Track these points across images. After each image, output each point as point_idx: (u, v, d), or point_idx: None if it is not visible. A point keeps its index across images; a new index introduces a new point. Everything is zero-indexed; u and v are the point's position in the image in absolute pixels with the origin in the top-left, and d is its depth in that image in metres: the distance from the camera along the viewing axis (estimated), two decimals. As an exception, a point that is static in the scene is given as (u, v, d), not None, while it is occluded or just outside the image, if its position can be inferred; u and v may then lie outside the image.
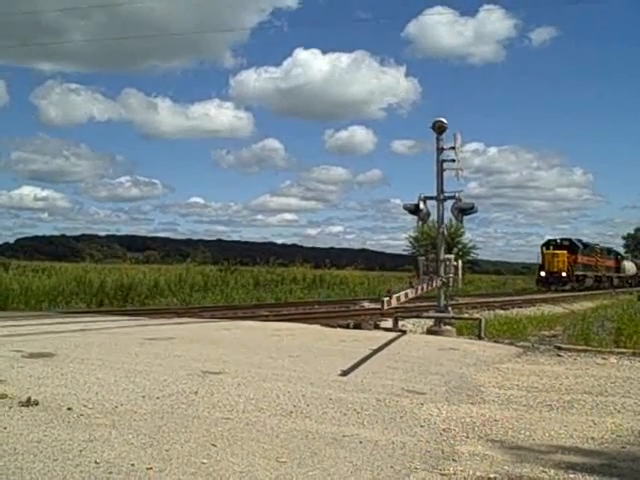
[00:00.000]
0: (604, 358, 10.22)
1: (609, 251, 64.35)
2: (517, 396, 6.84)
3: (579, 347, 11.82)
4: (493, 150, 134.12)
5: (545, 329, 17.18)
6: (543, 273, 49.98)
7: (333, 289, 39.98)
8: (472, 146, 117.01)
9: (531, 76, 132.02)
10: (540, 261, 51.77)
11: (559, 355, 10.55)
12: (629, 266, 71.20)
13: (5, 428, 4.69)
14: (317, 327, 14.05)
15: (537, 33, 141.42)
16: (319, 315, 20.52)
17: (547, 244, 52.37)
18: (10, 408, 5.26)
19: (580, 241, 54.62)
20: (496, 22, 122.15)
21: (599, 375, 8.48)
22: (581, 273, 51.25)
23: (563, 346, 11.78)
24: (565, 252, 50.34)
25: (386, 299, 11.27)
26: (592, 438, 5.25)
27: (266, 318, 17.86)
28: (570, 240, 52.91)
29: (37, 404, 5.37)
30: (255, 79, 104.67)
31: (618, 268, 64.70)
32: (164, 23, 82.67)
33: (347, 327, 14.91)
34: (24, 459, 4.00)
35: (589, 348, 11.76)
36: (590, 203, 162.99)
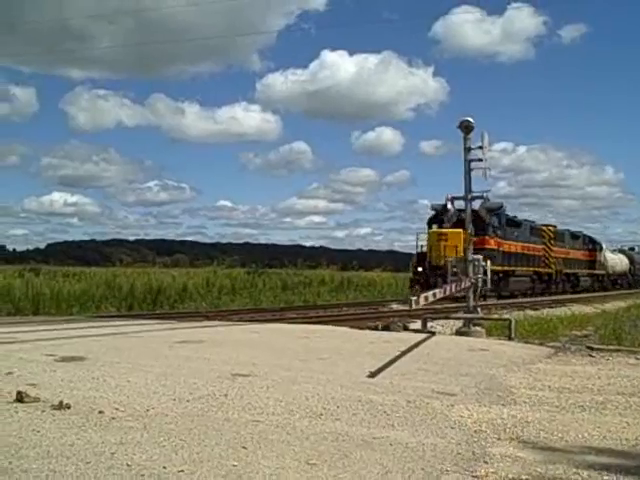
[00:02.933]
0: (637, 358, 10.09)
1: (574, 236, 46.07)
2: (549, 397, 6.77)
3: (611, 347, 11.67)
4: (522, 149, 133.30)
5: (576, 329, 17.01)
6: (421, 268, 30.37)
7: (361, 291, 39.88)
8: (501, 145, 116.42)
9: (561, 74, 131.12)
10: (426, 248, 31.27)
11: (591, 355, 10.43)
12: (614, 260, 53.98)
13: (38, 431, 4.74)
14: (345, 329, 14.02)
15: (567, 30, 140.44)
16: (347, 317, 20.50)
17: (435, 218, 29.58)
18: (43, 412, 5.32)
19: (499, 212, 30.02)
20: (525, 19, 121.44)
21: (632, 375, 8.36)
22: (504, 268, 32.29)
23: (595, 346, 11.65)
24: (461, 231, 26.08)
25: (414, 299, 11.26)
26: (626, 439, 5.18)
27: (294, 320, 17.87)
28: (476, 212, 26.40)
29: (69, 407, 5.42)
30: (282, 82, 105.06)
31: (593, 262, 48.22)
32: (191, 27, 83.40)
33: (376, 329, 14.87)
34: (57, 462, 4.03)
35: (622, 348, 11.62)
36: (621, 201, 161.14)
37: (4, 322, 14.24)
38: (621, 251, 60.61)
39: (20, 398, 5.61)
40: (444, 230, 29.09)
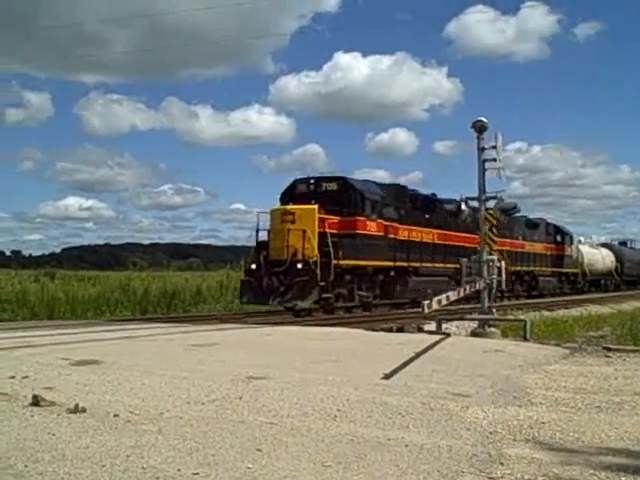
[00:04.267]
0: (654, 358, 10.01)
1: (531, 224, 36.77)
2: (565, 398, 6.72)
3: (628, 348, 11.59)
4: (537, 149, 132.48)
5: (592, 330, 16.87)
6: (255, 265, 20.88)
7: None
8: (515, 145, 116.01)
9: (576, 73, 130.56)
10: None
11: (607, 356, 10.36)
12: (594, 256, 44.54)
13: (54, 434, 4.76)
14: (360, 331, 14.00)
15: (581, 28, 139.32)
16: (362, 319, 20.45)
17: (293, 191, 22.51)
18: (58, 415, 5.34)
19: (388, 187, 24.84)
20: (538, 18, 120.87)
21: (649, 376, 8.29)
22: (396, 264, 23.53)
23: (611, 347, 11.57)
24: (315, 208, 20.65)
25: (426, 302, 11.20)
26: (643, 440, 5.13)
27: (308, 323, 17.86)
28: (343, 180, 22.32)
29: (84, 411, 5.44)
30: (295, 84, 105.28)
31: (560, 258, 39.33)
32: (205, 31, 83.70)
33: (390, 331, 14.85)
34: (73, 465, 4.05)
35: (638, 349, 11.53)
36: (638, 200, 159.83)
37: (20, 327, 14.31)
38: (606, 245, 50.75)
39: (36, 402, 5.64)
40: (290, 207, 20.85)
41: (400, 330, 15.04)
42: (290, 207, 21.03)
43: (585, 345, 12.33)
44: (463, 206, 22.34)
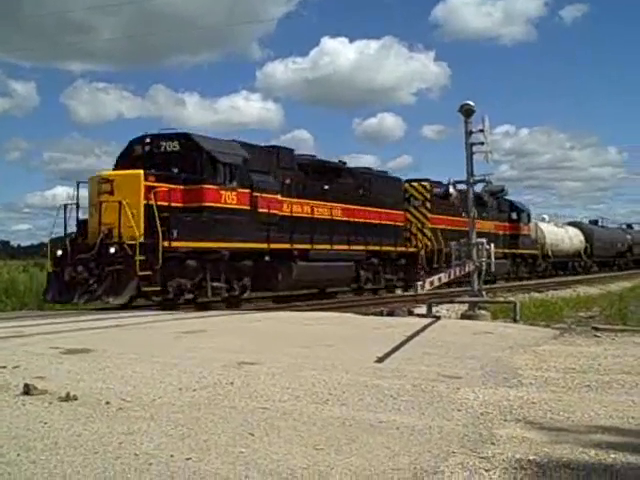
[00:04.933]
0: (642, 337, 10.08)
1: (482, 200, 27.09)
2: (554, 378, 6.77)
3: (617, 327, 11.69)
4: (525, 132, 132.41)
5: (581, 310, 17.01)
6: (60, 251, 16.23)
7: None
8: (503, 128, 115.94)
9: (563, 55, 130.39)
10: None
11: (596, 336, 10.44)
12: (557, 236, 40.54)
13: (46, 423, 4.75)
14: (350, 315, 14.05)
15: (567, 10, 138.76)
16: (352, 303, 20.51)
17: (128, 151, 18.33)
18: (50, 403, 5.33)
19: (261, 149, 20.35)
20: (525, 1, 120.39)
21: (638, 355, 8.36)
22: (272, 246, 19.21)
23: (600, 327, 11.67)
24: (141, 174, 16.20)
25: (420, 283, 11.30)
26: (632, 417, 5.18)
27: (299, 308, 17.89)
28: (191, 140, 17.76)
29: (76, 399, 5.44)
30: (282, 70, 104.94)
31: (515, 238, 35.71)
32: (191, 17, 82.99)
33: (381, 315, 14.90)
34: (65, 453, 4.05)
35: (627, 328, 11.64)
36: (626, 182, 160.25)
37: (9, 317, 14.28)
38: (574, 224, 47.07)
39: (27, 391, 5.63)
40: (107, 173, 16.92)
41: (390, 314, 15.08)
42: (107, 173, 16.76)
43: (574, 326, 12.42)
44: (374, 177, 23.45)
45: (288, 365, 7.13)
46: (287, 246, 19.69)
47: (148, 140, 17.86)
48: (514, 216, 36.77)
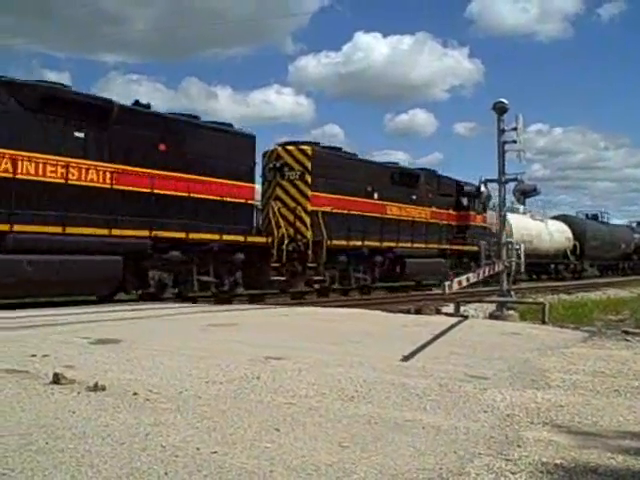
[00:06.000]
0: (674, 342, 9.94)
1: (409, 178, 25.42)
2: (583, 381, 6.70)
3: (647, 331, 11.53)
4: (558, 131, 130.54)
5: (611, 313, 16.82)
6: None
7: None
8: (536, 127, 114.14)
9: (599, 53, 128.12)
10: None
11: (627, 340, 10.31)
12: (531, 231, 32.44)
13: (74, 412, 4.80)
14: (377, 312, 14.02)
15: (605, 8, 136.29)
16: (379, 301, 20.49)
17: None
18: (79, 393, 5.39)
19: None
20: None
21: (669, 360, 8.24)
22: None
23: (631, 330, 11.53)
24: None
25: (447, 283, 11.23)
26: (662, 424, 5.11)
27: (326, 304, 17.90)
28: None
29: (104, 389, 5.49)
30: (315, 65, 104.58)
31: (462, 230, 28.38)
32: (225, 11, 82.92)
33: (408, 312, 14.87)
34: (93, 442, 4.09)
35: (658, 332, 11.46)
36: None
37: (38, 305, 14.44)
38: (560, 218, 39.10)
39: (56, 380, 5.69)
40: None
41: (418, 312, 15.05)
42: None
43: (604, 329, 12.28)
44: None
45: (314, 361, 7.14)
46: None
47: None
48: (464, 202, 28.60)
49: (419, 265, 25.17)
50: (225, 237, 17.47)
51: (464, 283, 12.23)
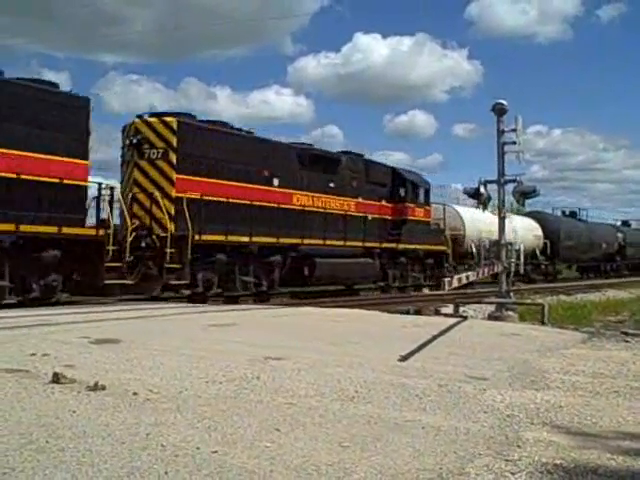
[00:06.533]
0: (673, 344, 9.95)
1: (327, 162, 21.63)
2: (583, 382, 6.70)
3: (647, 332, 11.54)
4: (557, 132, 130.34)
5: (611, 314, 16.85)
6: None
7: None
8: (535, 128, 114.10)
9: (598, 55, 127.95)
10: None
11: (626, 341, 10.32)
12: (488, 226, 26.57)
13: (75, 411, 4.81)
14: (376, 313, 14.03)
15: (604, 10, 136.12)
16: (379, 301, 20.48)
17: None
18: (79, 392, 5.39)
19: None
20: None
21: (668, 361, 8.25)
22: None
23: (630, 331, 11.55)
24: None
25: (447, 280, 11.26)
26: (662, 425, 5.12)
27: (325, 304, 17.90)
28: None
29: (104, 389, 5.49)
30: (314, 65, 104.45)
31: (398, 226, 24.15)
32: (224, 10, 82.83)
33: (407, 313, 14.89)
34: (93, 442, 4.09)
35: (657, 333, 11.47)
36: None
37: (39, 305, 14.44)
38: (531, 215, 35.09)
39: (56, 379, 5.70)
40: None
41: (417, 313, 15.07)
42: None
43: (603, 330, 12.29)
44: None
45: (314, 361, 7.14)
46: None
47: None
48: (401, 192, 24.37)
49: (335, 266, 20.98)
50: (24, 228, 13.27)
51: (464, 281, 12.26)
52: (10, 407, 4.87)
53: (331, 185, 21.43)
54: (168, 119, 17.01)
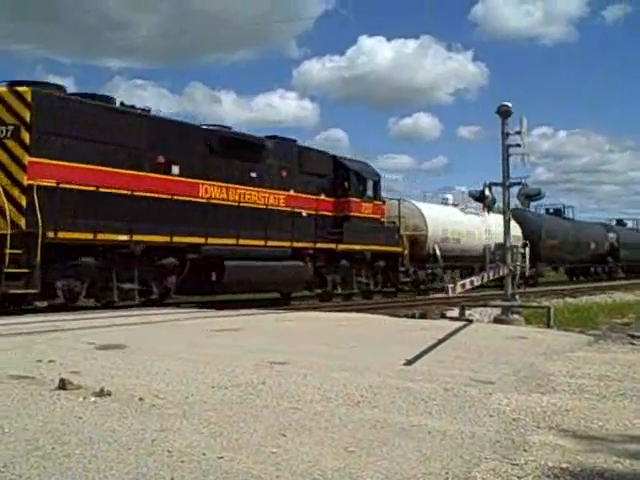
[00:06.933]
0: (680, 346, 9.92)
1: (250, 147, 18.07)
2: (589, 385, 6.68)
3: (653, 335, 11.51)
4: (562, 134, 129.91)
5: (617, 317, 16.78)
6: None
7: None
8: (541, 130, 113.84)
9: (604, 56, 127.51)
10: None
11: (632, 343, 10.30)
12: (455, 225, 26.83)
13: (81, 418, 4.81)
14: (382, 317, 14.02)
15: (609, 11, 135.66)
16: (384, 305, 20.46)
17: None
18: (85, 398, 5.40)
19: None
20: (567, 0, 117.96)
21: (675, 363, 8.22)
22: None
23: (636, 334, 11.52)
24: None
25: (451, 286, 11.24)
26: (669, 428, 5.10)
27: (330, 309, 17.89)
28: None
29: (110, 394, 5.49)
30: (319, 69, 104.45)
31: (339, 224, 20.79)
32: (229, 15, 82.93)
33: (413, 317, 14.88)
34: (99, 448, 4.09)
35: (664, 336, 11.44)
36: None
37: (45, 311, 14.46)
38: (515, 213, 26.25)
39: (63, 385, 5.70)
40: None
41: (423, 316, 15.05)
42: None
43: (609, 332, 12.26)
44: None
45: (319, 366, 7.14)
46: None
47: None
48: (345, 185, 21.36)
49: (251, 270, 17.63)
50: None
51: (468, 286, 12.24)
52: (16, 414, 4.88)
53: (252, 175, 18.12)
54: (21, 89, 13.54)
